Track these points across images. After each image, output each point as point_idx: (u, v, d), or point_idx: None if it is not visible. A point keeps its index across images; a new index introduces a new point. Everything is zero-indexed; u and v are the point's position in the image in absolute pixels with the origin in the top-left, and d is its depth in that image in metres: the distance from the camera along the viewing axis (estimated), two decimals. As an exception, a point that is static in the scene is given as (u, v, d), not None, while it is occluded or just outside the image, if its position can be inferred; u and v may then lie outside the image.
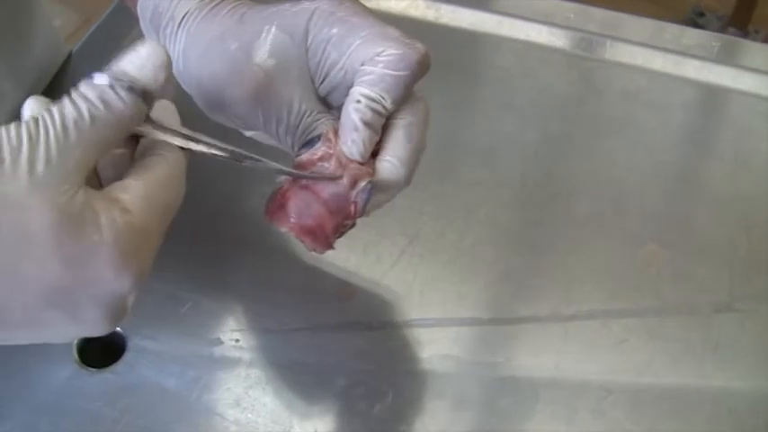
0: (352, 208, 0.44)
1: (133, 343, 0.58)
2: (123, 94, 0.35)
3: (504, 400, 0.57)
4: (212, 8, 0.47)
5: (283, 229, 0.44)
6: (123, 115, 0.36)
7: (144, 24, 0.50)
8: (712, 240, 0.65)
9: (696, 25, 1.94)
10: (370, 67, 0.43)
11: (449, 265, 0.63)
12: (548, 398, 0.57)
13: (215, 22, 0.46)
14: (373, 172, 0.44)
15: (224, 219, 0.65)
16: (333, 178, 0.43)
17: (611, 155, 0.70)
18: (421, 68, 0.44)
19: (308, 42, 0.45)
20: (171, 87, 0.39)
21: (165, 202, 0.38)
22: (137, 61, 0.36)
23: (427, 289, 0.62)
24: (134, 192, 0.37)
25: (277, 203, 0.45)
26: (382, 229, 0.64)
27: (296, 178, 0.44)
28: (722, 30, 1.90)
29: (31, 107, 0.37)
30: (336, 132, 0.44)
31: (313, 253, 0.46)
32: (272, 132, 0.46)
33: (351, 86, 0.44)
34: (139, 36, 0.75)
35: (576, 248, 0.64)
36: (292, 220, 0.44)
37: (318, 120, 0.45)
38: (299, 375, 0.57)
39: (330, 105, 0.47)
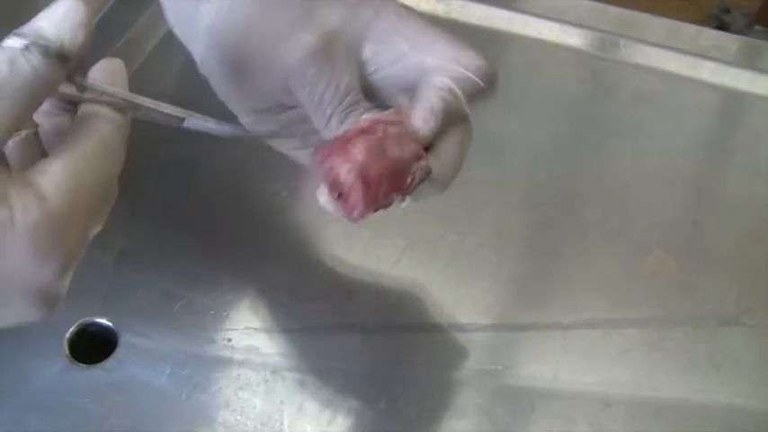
0: (410, 179, 0.42)
1: (124, 339, 0.57)
2: (35, 57, 0.32)
3: (500, 409, 0.55)
4: None
5: (344, 168, 0.41)
6: (34, 81, 0.33)
7: None
8: (722, 250, 0.64)
9: (721, 22, 1.91)
10: (456, 66, 0.43)
11: (449, 268, 0.62)
12: (544, 409, 0.55)
13: None
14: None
15: (220, 216, 0.64)
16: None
17: (620, 158, 0.69)
18: (494, 91, 0.45)
19: (372, 31, 0.44)
20: (88, 47, 0.35)
21: (94, 179, 0.36)
22: (53, 19, 0.33)
23: (426, 292, 0.61)
24: (53, 174, 0.34)
25: (341, 141, 0.42)
26: (382, 229, 0.63)
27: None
28: (748, 27, 1.87)
29: None
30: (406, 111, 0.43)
31: (343, 220, 0.43)
32: (314, 99, 0.44)
33: (404, 84, 0.44)
34: (140, 30, 0.75)
35: (580, 254, 0.63)
36: (359, 158, 0.41)
37: (362, 100, 0.44)
38: (290, 377, 0.56)
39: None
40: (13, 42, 0.32)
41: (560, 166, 0.68)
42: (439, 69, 0.43)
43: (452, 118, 0.44)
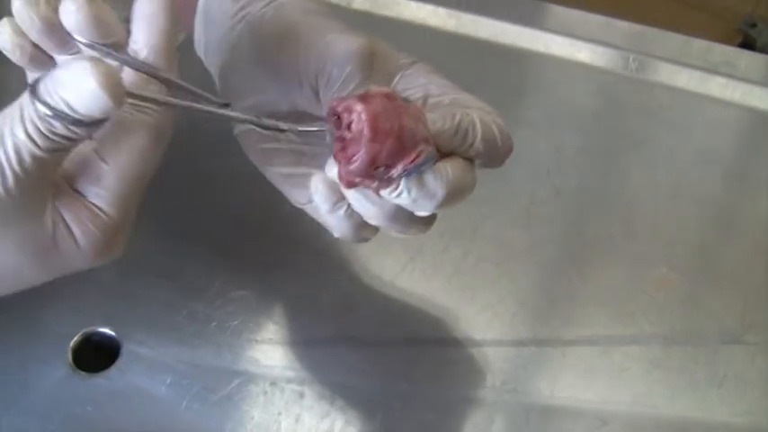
0: (414, 155, 0.40)
1: (127, 348, 0.58)
2: (72, 128, 0.34)
3: (496, 425, 0.55)
4: None
5: (358, 110, 0.40)
6: (74, 140, 0.35)
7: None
8: (726, 267, 0.63)
9: (747, 36, 1.89)
10: (483, 113, 0.44)
11: (450, 282, 0.62)
12: (541, 425, 0.55)
13: None
14: None
15: (224, 229, 0.65)
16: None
17: (626, 173, 0.69)
18: (501, 158, 0.46)
19: (405, 73, 0.46)
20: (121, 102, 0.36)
21: (142, 186, 0.39)
22: (81, 92, 0.32)
23: (426, 306, 0.61)
24: (109, 191, 0.37)
25: (361, 95, 0.41)
26: (385, 242, 0.63)
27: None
28: (775, 41, 1.85)
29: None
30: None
31: (329, 180, 0.43)
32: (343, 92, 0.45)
33: None
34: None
35: (583, 269, 0.63)
36: (375, 107, 0.40)
37: None
38: (289, 389, 0.57)
39: None
40: (47, 110, 0.33)
41: (565, 180, 0.68)
42: (469, 108, 0.44)
43: (462, 147, 0.43)
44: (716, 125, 0.73)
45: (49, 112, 0.32)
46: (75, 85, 0.32)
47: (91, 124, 0.33)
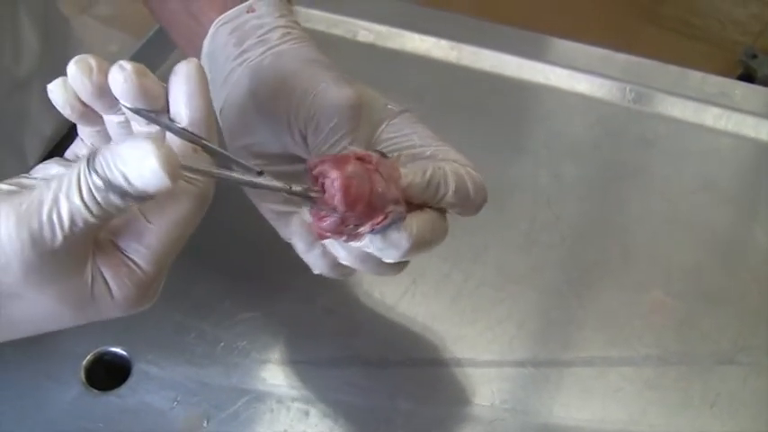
0: (383, 216, 0.43)
1: (138, 368, 0.60)
2: (126, 200, 0.35)
3: (494, 443, 0.57)
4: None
5: (333, 175, 0.43)
6: (124, 209, 0.37)
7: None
8: (721, 291, 0.65)
9: (748, 67, 1.92)
10: (458, 166, 0.47)
11: (452, 305, 0.64)
12: (538, 443, 0.57)
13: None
14: None
15: (233, 252, 0.67)
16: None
17: (623, 200, 0.71)
18: (476, 209, 0.48)
19: (391, 122, 0.48)
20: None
21: (178, 247, 0.40)
22: (141, 170, 0.34)
23: (428, 328, 0.63)
24: (147, 247, 0.39)
25: (337, 157, 0.44)
26: (388, 266, 0.65)
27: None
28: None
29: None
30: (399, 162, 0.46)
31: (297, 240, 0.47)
32: (329, 141, 0.48)
33: None
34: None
35: (580, 294, 0.65)
36: (348, 172, 0.43)
37: None
38: (295, 407, 0.58)
39: None
40: (97, 181, 0.34)
41: (564, 207, 0.70)
42: (445, 160, 0.47)
43: (434, 200, 0.46)
44: (710, 154, 0.75)
45: (104, 185, 0.34)
46: (137, 163, 0.33)
47: (144, 198, 0.35)
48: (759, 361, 0.60)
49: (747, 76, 1.89)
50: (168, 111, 0.40)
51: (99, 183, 0.34)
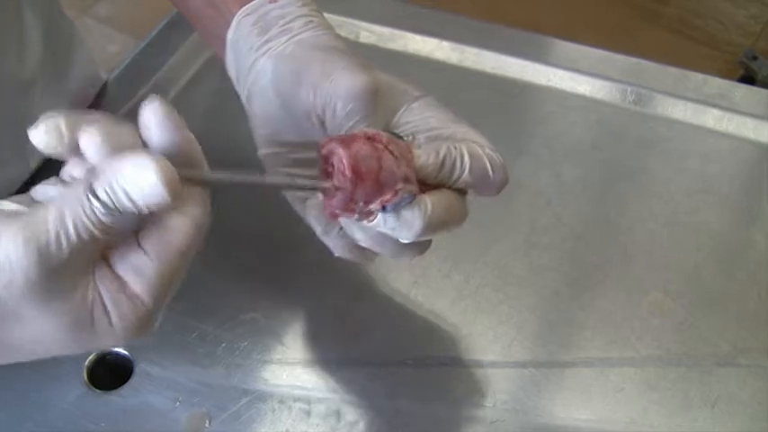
0: (391, 194, 0.44)
1: (140, 368, 0.60)
2: (129, 216, 0.36)
3: (495, 443, 0.57)
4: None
5: (340, 154, 0.44)
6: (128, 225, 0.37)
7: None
8: (720, 293, 0.65)
9: (748, 68, 1.92)
10: (477, 148, 0.47)
11: (452, 306, 0.64)
12: (538, 444, 0.57)
13: None
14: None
15: (236, 252, 0.67)
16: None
17: (623, 202, 0.71)
18: (496, 190, 0.49)
19: (410, 106, 0.49)
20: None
21: (179, 275, 0.40)
22: (141, 184, 0.34)
23: (429, 329, 0.63)
24: (147, 279, 0.38)
25: (347, 136, 0.45)
26: (390, 267, 0.66)
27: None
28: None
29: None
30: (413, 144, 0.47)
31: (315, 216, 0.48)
32: (343, 127, 0.48)
33: None
34: (173, 69, 0.78)
35: (580, 294, 0.65)
36: (357, 151, 0.44)
37: None
38: (297, 407, 0.58)
39: None
40: (99, 195, 0.35)
41: (564, 208, 0.70)
42: (462, 141, 0.47)
43: (450, 180, 0.46)
44: (711, 156, 0.75)
45: (107, 198, 0.35)
46: (136, 178, 0.34)
47: (146, 210, 0.35)
48: (759, 363, 0.61)
49: (748, 78, 1.89)
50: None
51: (102, 196, 0.35)
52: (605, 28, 2.00)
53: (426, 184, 0.46)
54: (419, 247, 0.49)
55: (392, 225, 0.45)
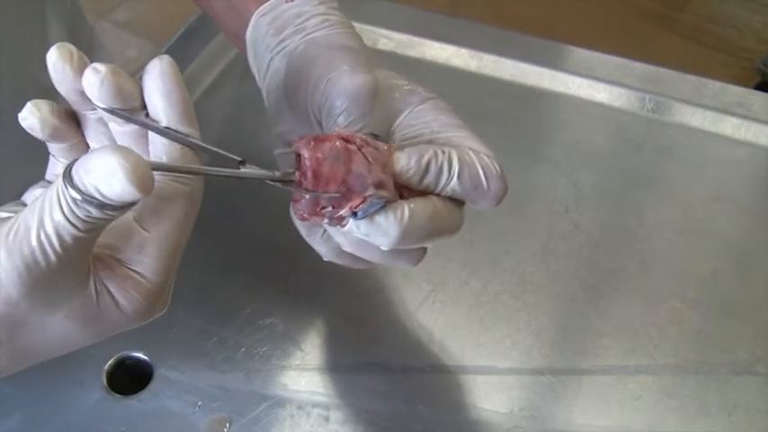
0: (359, 201, 0.42)
1: (159, 373, 0.61)
2: (106, 211, 0.35)
3: (513, 450, 0.57)
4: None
5: (305, 155, 0.42)
6: (109, 220, 0.36)
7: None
8: (737, 301, 0.65)
9: (765, 75, 1.91)
10: (471, 154, 0.44)
11: (470, 313, 0.64)
12: (556, 451, 0.57)
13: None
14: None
15: (254, 260, 0.67)
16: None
17: (641, 209, 0.71)
18: (493, 203, 0.45)
19: (414, 110, 0.47)
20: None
21: (180, 249, 0.40)
22: (111, 183, 0.33)
23: (447, 336, 0.63)
24: (149, 256, 0.39)
25: (320, 137, 0.43)
26: (408, 274, 0.66)
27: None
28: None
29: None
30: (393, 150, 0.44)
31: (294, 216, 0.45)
32: (340, 124, 0.47)
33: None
34: (192, 77, 0.79)
35: (598, 302, 0.65)
36: (320, 154, 0.42)
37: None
38: (315, 413, 0.59)
39: None
40: (74, 195, 0.34)
41: (582, 215, 0.71)
42: (457, 146, 0.44)
43: (436, 186, 0.43)
44: (728, 163, 0.75)
45: (81, 198, 0.34)
46: (105, 175, 0.33)
47: (123, 207, 0.34)
48: (777, 371, 0.61)
49: (764, 84, 1.88)
50: (146, 109, 0.40)
51: (77, 196, 0.34)
52: (620, 34, 2.00)
53: (410, 190, 0.43)
54: (410, 255, 0.46)
55: (366, 231, 0.42)
